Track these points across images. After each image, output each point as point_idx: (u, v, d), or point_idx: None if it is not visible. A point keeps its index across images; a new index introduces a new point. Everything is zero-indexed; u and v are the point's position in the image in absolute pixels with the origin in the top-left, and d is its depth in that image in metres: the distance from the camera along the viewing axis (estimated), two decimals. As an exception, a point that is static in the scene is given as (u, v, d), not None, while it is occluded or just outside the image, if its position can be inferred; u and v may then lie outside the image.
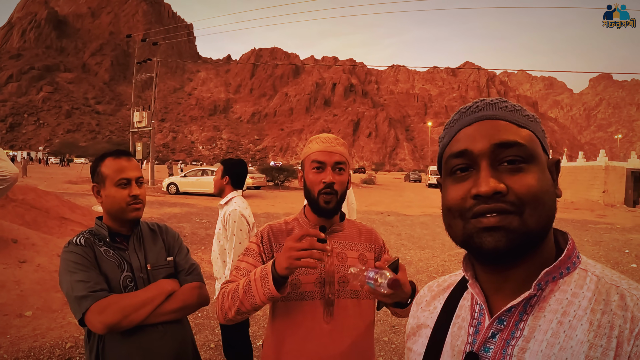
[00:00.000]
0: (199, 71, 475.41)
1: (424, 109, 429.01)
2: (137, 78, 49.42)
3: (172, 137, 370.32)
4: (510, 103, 1.15)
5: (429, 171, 71.52)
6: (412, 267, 12.09)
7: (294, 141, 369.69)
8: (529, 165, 1.05)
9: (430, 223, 22.10)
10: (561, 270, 1.07)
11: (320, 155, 2.40)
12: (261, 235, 2.50)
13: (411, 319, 1.42)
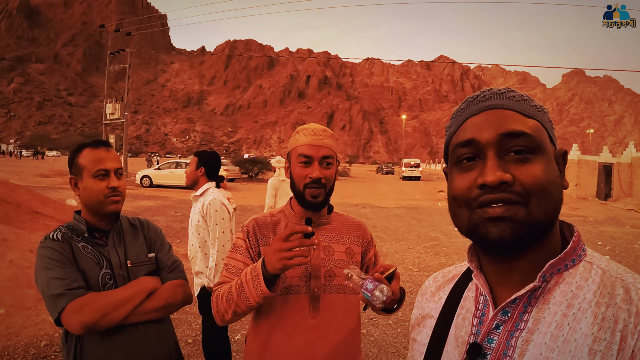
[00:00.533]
0: (173, 62, 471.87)
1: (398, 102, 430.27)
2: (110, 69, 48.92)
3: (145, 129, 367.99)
4: (518, 93, 1.14)
5: (402, 164, 71.65)
6: (389, 259, 12.23)
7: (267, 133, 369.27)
8: (536, 155, 1.04)
9: (405, 215, 22.24)
10: (566, 262, 1.06)
11: (307, 149, 2.36)
12: (247, 230, 2.44)
13: (416, 310, 1.42)
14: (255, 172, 47.68)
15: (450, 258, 12.94)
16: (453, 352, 1.17)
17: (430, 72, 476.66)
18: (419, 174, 67.15)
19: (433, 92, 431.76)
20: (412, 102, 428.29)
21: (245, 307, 2.17)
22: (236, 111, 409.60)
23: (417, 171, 67.26)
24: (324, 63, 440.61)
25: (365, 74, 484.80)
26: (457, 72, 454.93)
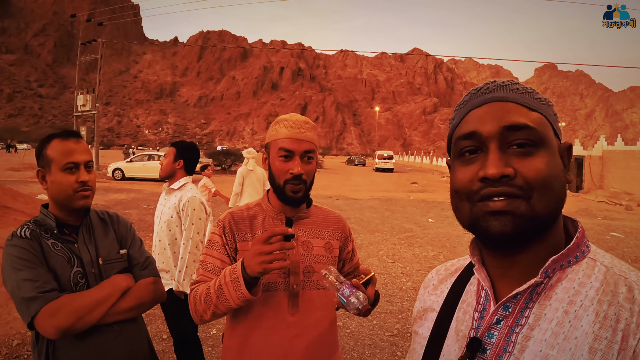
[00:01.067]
0: (145, 53, 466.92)
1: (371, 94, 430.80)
2: (82, 60, 48.35)
3: (117, 121, 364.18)
4: (522, 85, 1.13)
5: (376, 155, 71.98)
6: (363, 251, 12.27)
7: (241, 125, 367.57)
8: (539, 149, 1.04)
9: (379, 207, 22.35)
10: (569, 258, 1.06)
11: (288, 142, 2.28)
12: (222, 225, 2.37)
13: (418, 303, 1.41)
14: (229, 164, 47.31)
15: (424, 249, 12.99)
16: (453, 346, 1.17)
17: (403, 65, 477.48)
18: (392, 166, 67.66)
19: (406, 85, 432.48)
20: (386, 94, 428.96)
21: (225, 309, 2.12)
22: (209, 103, 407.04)
23: (390, 163, 67.70)
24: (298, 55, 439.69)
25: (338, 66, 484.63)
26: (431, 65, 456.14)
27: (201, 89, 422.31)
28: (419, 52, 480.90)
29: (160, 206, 4.69)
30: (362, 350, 6.32)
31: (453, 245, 13.84)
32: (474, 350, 1.09)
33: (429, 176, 58.04)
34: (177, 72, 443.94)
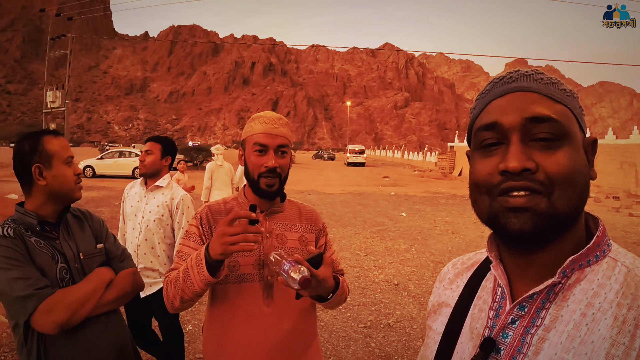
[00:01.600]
0: (115, 48, 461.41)
1: (342, 88, 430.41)
2: (51, 55, 47.88)
3: (87, 117, 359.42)
4: (547, 75, 1.08)
5: (347, 150, 72.23)
6: (336, 245, 12.28)
7: (212, 121, 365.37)
8: (563, 143, 1.00)
9: (351, 201, 22.50)
10: (589, 258, 1.02)
11: (263, 137, 2.35)
12: (200, 217, 2.43)
13: (433, 297, 1.39)
14: (200, 160, 47.06)
15: (396, 242, 13.13)
16: (467, 343, 1.15)
17: (375, 60, 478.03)
18: (363, 160, 68.20)
19: (378, 79, 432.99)
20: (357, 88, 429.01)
21: (191, 293, 2.14)
22: (180, 98, 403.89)
23: (362, 157, 68.24)
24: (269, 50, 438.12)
25: (310, 61, 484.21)
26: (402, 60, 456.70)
27: (172, 84, 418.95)
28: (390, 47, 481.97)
29: (139, 204, 4.57)
30: (337, 342, 6.39)
31: (425, 237, 13.97)
32: (487, 351, 1.06)
33: (401, 170, 58.39)
34: (148, 68, 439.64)
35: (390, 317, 7.38)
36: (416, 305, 7.94)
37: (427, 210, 20.36)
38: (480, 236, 14.44)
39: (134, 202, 4.60)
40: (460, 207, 21.63)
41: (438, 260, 11.22)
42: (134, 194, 4.65)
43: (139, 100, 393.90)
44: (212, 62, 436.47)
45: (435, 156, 65.06)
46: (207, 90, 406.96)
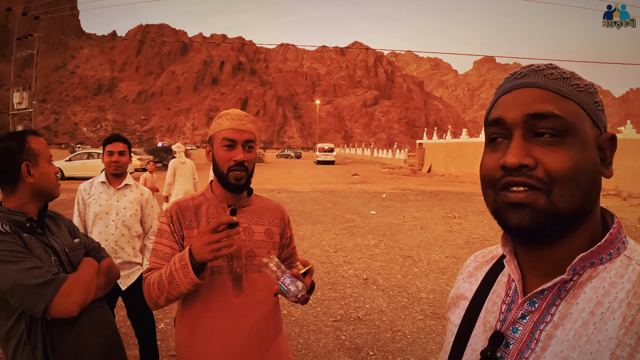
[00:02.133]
0: (83, 48, 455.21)
1: (312, 87, 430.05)
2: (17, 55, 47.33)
3: (54, 119, 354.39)
4: (559, 70, 1.06)
5: (317, 148, 72.42)
6: (306, 242, 12.37)
7: (181, 121, 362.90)
8: (566, 139, 0.98)
9: (321, 199, 22.61)
10: (601, 255, 1.00)
11: (231, 133, 2.43)
12: (170, 215, 2.50)
13: (453, 289, 1.40)
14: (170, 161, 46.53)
15: (365, 238, 13.25)
16: (480, 336, 1.15)
17: (344, 58, 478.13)
18: (333, 158, 68.57)
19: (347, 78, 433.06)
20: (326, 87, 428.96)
21: (176, 294, 2.25)
22: (149, 98, 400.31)
23: (331, 155, 68.62)
24: (238, 49, 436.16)
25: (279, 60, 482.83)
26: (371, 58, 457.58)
27: (140, 84, 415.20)
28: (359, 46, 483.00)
29: (110, 202, 4.73)
30: (308, 336, 6.48)
31: (394, 233, 14.12)
32: (495, 345, 1.07)
33: (370, 168, 58.71)
34: (116, 67, 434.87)
35: (360, 310, 7.48)
36: (385, 299, 8.06)
37: (396, 206, 20.50)
38: (449, 231, 14.65)
39: (103, 202, 4.71)
40: (429, 203, 21.83)
41: (407, 254, 11.37)
42: (100, 194, 4.75)
43: (107, 101, 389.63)
44: (181, 62, 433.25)
45: (405, 153, 65.60)
46: (176, 90, 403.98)
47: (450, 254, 11.63)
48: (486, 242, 13.23)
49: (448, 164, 47.39)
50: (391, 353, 6.01)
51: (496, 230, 14.60)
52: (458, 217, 17.44)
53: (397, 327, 6.83)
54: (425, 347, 6.25)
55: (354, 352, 6.01)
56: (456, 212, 18.68)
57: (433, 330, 6.77)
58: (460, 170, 43.81)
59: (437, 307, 7.74)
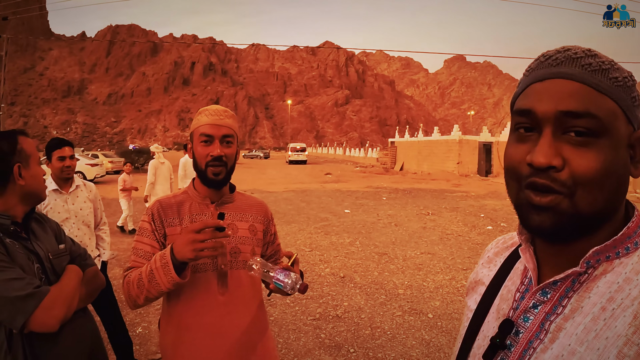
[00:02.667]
0: (52, 49, 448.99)
1: (283, 87, 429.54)
2: (-16, 57, 46.58)
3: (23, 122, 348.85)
4: (598, 60, 0.97)
5: (288, 148, 72.51)
6: (281, 242, 11.80)
7: (152, 122, 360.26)
8: (599, 140, 0.93)
9: (294, 198, 22.67)
10: (618, 249, 0.97)
11: (208, 128, 2.42)
12: (151, 213, 2.47)
13: (472, 274, 1.39)
14: (142, 163, 46.40)
15: (340, 237, 13.30)
16: (492, 323, 1.14)
17: (315, 58, 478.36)
18: (305, 158, 68.82)
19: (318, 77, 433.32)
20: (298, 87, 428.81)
21: (156, 293, 2.21)
22: (119, 100, 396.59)
23: (304, 155, 68.82)
24: (209, 49, 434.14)
25: (250, 60, 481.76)
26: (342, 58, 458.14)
27: (110, 85, 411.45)
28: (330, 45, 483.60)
29: (65, 207, 4.80)
30: (287, 335, 6.46)
31: (368, 231, 14.15)
32: (505, 332, 1.06)
33: (343, 167, 58.93)
34: (85, 69, 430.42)
35: (338, 308, 7.49)
36: (363, 296, 8.07)
37: (369, 204, 20.57)
38: (423, 228, 14.73)
39: (60, 209, 4.74)
40: (402, 201, 21.96)
41: (382, 252, 11.43)
42: (55, 202, 4.74)
43: (77, 103, 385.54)
44: (151, 63, 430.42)
45: (377, 152, 65.85)
46: (146, 92, 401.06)
47: (425, 250, 11.69)
48: (460, 237, 13.34)
49: (420, 161, 47.72)
50: (372, 349, 6.02)
51: (470, 226, 14.83)
52: (432, 214, 17.56)
53: (376, 324, 6.85)
54: (405, 342, 6.26)
55: (335, 350, 6.02)
56: (429, 209, 18.82)
57: (412, 326, 6.79)
58: (432, 167, 44.30)
59: (414, 303, 7.78)
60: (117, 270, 9.24)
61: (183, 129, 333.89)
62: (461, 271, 9.77)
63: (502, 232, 13.88)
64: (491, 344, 1.08)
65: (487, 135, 42.31)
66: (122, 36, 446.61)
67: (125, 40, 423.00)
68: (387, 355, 5.89)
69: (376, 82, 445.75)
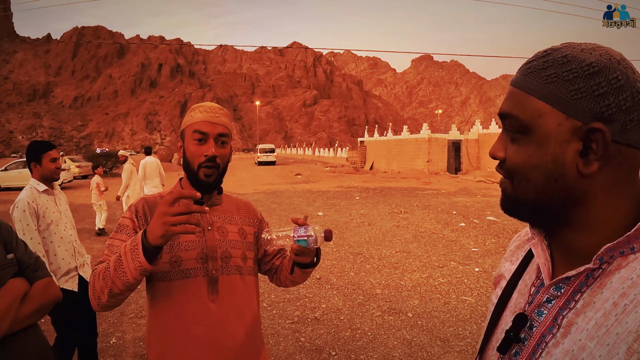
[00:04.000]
0: (16, 52, 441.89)
1: (251, 88, 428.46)
2: (-54, 61, 45.79)
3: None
4: (538, 62, 1.03)
5: (257, 149, 72.51)
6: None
7: (119, 125, 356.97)
8: (524, 137, 1.02)
9: (265, 200, 22.55)
10: (632, 245, 0.96)
11: (203, 125, 2.28)
12: (135, 209, 2.29)
13: (499, 268, 1.40)
14: (110, 167, 45.89)
15: (314, 237, 13.07)
16: (510, 317, 1.15)
17: (283, 59, 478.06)
18: (274, 159, 69.27)
19: (286, 78, 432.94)
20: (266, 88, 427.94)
21: (122, 285, 1.93)
22: (85, 103, 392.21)
23: (272, 156, 69.23)
24: (177, 50, 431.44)
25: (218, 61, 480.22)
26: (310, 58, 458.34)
27: (77, 88, 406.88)
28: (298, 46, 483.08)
29: (57, 207, 4.77)
30: (266, 340, 6.35)
31: (342, 231, 14.11)
32: (518, 326, 1.08)
33: (312, 167, 58.94)
34: (51, 72, 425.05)
35: (317, 310, 7.41)
36: (340, 297, 8.01)
37: (341, 204, 20.54)
38: (396, 226, 14.75)
39: (54, 209, 4.72)
40: (374, 200, 21.95)
41: (357, 252, 11.38)
42: (46, 202, 4.70)
43: (43, 107, 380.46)
44: (118, 65, 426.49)
45: (346, 152, 65.97)
46: (113, 94, 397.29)
47: (400, 248, 11.68)
48: (434, 235, 13.35)
49: (390, 160, 47.85)
50: (353, 352, 5.95)
51: (443, 224, 14.91)
52: (404, 212, 17.57)
53: (356, 325, 6.78)
54: (387, 343, 6.21)
55: (316, 354, 5.93)
56: (402, 208, 18.83)
57: (392, 326, 6.73)
58: (402, 166, 44.48)
59: (393, 302, 7.73)
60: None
61: (151, 132, 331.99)
62: (437, 269, 9.75)
63: (475, 229, 14.10)
64: (505, 337, 1.09)
65: (456, 134, 42.71)
66: (88, 38, 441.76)
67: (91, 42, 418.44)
68: (369, 356, 5.82)
69: (344, 82, 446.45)
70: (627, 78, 0.96)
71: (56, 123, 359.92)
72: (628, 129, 0.95)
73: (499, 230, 13.70)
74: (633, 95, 0.95)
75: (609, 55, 0.98)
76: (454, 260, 10.52)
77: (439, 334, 6.49)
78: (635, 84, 0.96)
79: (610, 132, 0.95)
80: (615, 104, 0.95)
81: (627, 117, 0.95)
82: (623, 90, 0.95)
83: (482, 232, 13.66)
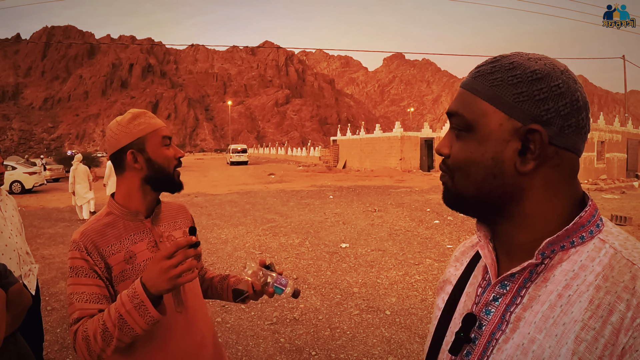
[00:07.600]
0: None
1: (223, 88, 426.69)
2: None
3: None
4: (486, 67, 1.09)
5: (229, 149, 72.36)
6: (229, 245, 12.26)
7: (90, 127, 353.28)
8: (468, 134, 1.07)
9: (239, 200, 22.47)
10: (572, 239, 1.01)
11: (166, 130, 2.27)
12: (84, 247, 2.08)
13: (443, 274, 1.43)
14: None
15: (289, 237, 13.23)
16: (459, 319, 1.18)
17: (255, 58, 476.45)
18: (246, 159, 69.62)
19: (258, 77, 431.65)
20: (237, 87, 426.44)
21: (129, 339, 1.93)
22: (56, 105, 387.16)
23: (245, 156, 69.45)
24: (148, 50, 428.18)
25: (189, 61, 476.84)
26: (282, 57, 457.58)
27: (46, 89, 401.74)
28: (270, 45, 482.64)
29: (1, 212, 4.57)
30: (246, 342, 6.35)
31: (317, 230, 14.14)
32: (468, 326, 1.10)
33: (285, 166, 58.96)
34: (20, 73, 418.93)
35: (295, 311, 7.41)
36: (318, 297, 8.02)
37: (315, 204, 20.55)
38: (371, 225, 14.79)
39: None
40: (348, 199, 21.99)
41: (333, 251, 11.40)
42: None
43: (12, 109, 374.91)
44: (88, 65, 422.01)
45: (319, 151, 66.06)
46: (83, 95, 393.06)
47: (375, 247, 11.72)
48: (409, 232, 13.43)
49: (362, 159, 48.01)
50: (333, 351, 5.97)
51: (417, 221, 15.00)
52: (378, 211, 17.63)
53: (335, 324, 6.80)
54: (366, 341, 6.23)
55: (296, 354, 5.94)
56: (376, 206, 18.90)
57: (371, 324, 6.76)
58: (375, 164, 44.67)
59: (370, 300, 7.76)
60: (62, 285, 8.98)
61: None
62: (413, 266, 9.81)
63: (449, 226, 14.23)
64: (456, 338, 1.11)
65: (428, 131, 43.11)
66: (58, 38, 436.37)
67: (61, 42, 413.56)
68: (349, 355, 5.85)
69: (316, 81, 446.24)
70: (568, 87, 1.01)
71: (26, 125, 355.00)
72: (566, 133, 1.01)
73: (473, 227, 13.61)
74: (572, 103, 1.00)
75: (553, 65, 1.03)
76: (429, 257, 10.58)
77: (417, 330, 6.54)
78: (575, 93, 1.01)
79: (548, 135, 1.00)
80: (555, 109, 1.00)
81: (565, 122, 1.00)
82: (563, 97, 1.00)
83: (457, 229, 13.79)
